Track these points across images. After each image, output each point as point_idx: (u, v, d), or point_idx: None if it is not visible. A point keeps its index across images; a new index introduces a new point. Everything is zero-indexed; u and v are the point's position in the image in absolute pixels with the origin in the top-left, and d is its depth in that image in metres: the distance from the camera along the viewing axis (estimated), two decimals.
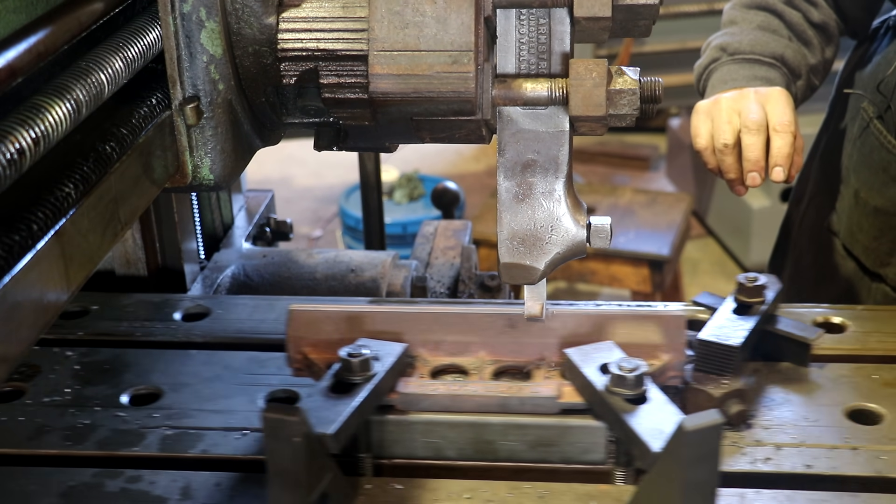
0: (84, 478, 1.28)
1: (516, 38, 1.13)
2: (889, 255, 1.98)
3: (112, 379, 1.47)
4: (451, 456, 1.29)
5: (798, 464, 1.27)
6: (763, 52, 1.87)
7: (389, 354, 1.29)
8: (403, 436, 1.28)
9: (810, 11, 1.99)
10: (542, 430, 1.27)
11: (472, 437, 1.28)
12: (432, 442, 1.28)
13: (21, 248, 0.87)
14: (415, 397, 1.27)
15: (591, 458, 1.27)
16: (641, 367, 1.23)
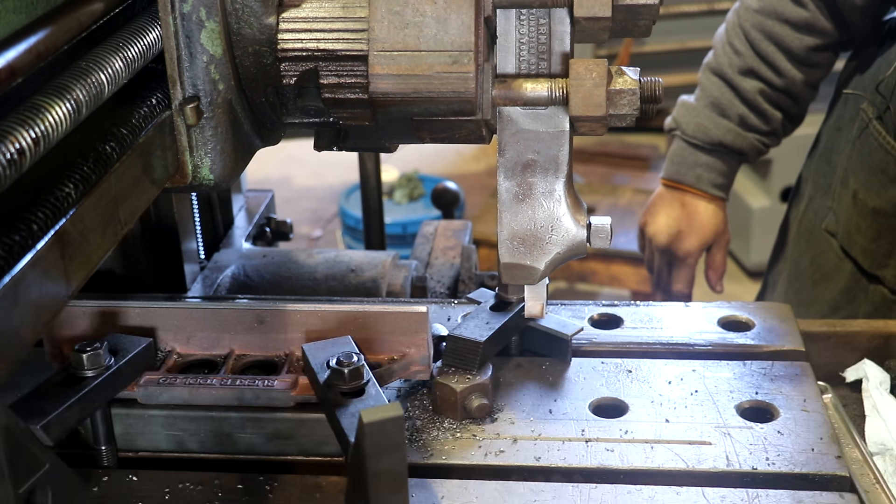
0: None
1: (516, 38, 1.13)
2: (887, 257, 1.98)
3: None
4: (193, 448, 1.31)
5: (529, 456, 1.28)
6: (703, 139, 2.18)
7: (130, 349, 1.31)
8: (146, 429, 1.31)
9: (772, 79, 2.10)
10: (276, 424, 1.30)
11: (211, 429, 1.30)
12: (174, 434, 1.31)
13: (21, 248, 0.87)
14: (154, 390, 1.30)
15: (326, 450, 1.29)
16: (359, 360, 1.24)
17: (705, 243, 2.26)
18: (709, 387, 1.40)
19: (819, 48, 2.07)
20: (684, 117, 2.20)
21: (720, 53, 2.15)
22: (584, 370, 1.45)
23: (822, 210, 2.16)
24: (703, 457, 1.27)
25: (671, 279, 2.30)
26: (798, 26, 2.05)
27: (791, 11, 2.04)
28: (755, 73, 2.10)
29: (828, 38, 2.07)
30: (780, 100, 2.13)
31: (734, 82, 2.12)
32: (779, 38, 2.06)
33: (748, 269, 5.08)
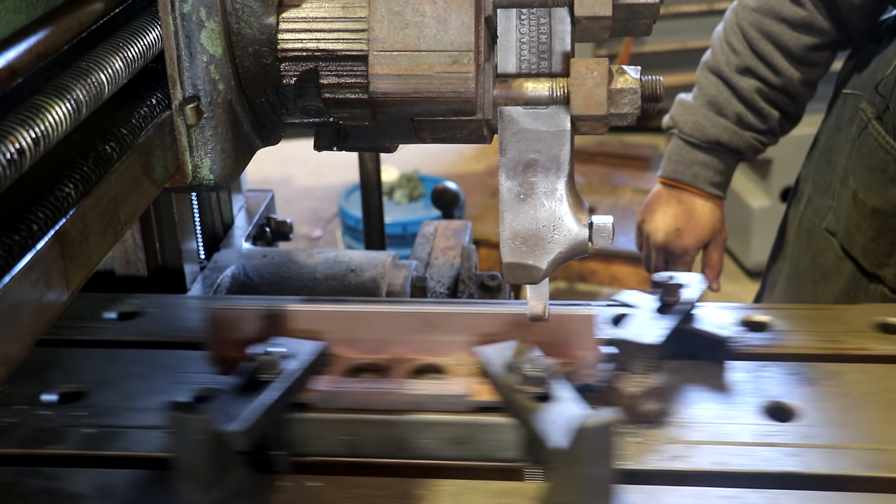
0: (5, 476, 1.28)
1: (517, 37, 1.13)
2: (887, 256, 1.98)
3: (41, 378, 1.47)
4: (367, 453, 1.29)
5: (710, 461, 1.27)
6: (700, 138, 2.18)
7: (304, 353, 1.30)
8: (320, 433, 1.29)
9: (770, 78, 2.10)
10: (455, 428, 1.28)
11: (387, 434, 1.29)
12: (348, 439, 1.29)
13: (21, 248, 0.87)
14: (330, 395, 1.28)
15: (505, 455, 1.27)
16: (548, 364, 1.23)
17: (702, 241, 2.26)
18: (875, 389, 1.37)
19: (817, 47, 2.07)
20: (681, 116, 2.20)
21: (718, 52, 2.15)
22: (743, 373, 1.43)
23: (821, 209, 2.16)
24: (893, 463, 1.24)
25: None
26: (796, 25, 2.05)
27: (789, 10, 2.04)
28: (753, 71, 2.10)
29: (826, 37, 2.07)
30: (777, 99, 2.13)
31: (731, 81, 2.12)
32: (776, 37, 2.06)
33: (748, 269, 5.08)
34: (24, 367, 1.48)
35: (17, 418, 1.38)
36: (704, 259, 2.32)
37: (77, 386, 1.46)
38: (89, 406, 1.41)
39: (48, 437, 1.35)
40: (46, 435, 1.35)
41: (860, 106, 2.02)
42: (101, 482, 1.27)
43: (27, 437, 1.35)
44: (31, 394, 1.43)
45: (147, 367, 1.50)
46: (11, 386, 1.45)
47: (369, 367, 1.37)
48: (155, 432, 1.35)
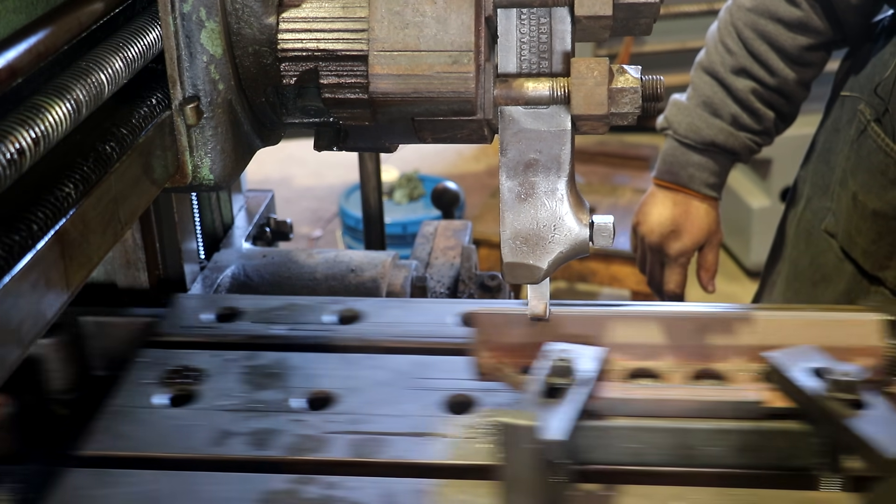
0: (278, 484, 1.26)
1: (517, 37, 1.13)
2: (888, 259, 1.98)
3: (282, 383, 1.45)
4: (651, 462, 1.26)
5: None
6: (695, 139, 2.17)
7: (590, 358, 1.27)
8: (604, 441, 1.25)
9: (765, 79, 2.09)
10: (747, 436, 1.24)
11: (674, 442, 1.25)
12: (633, 448, 1.25)
13: (21, 248, 0.87)
14: (617, 402, 1.25)
15: (797, 463, 1.23)
16: (858, 371, 1.20)
17: (697, 243, 2.26)
18: None
19: (812, 47, 2.07)
20: (676, 116, 2.20)
21: (712, 52, 2.14)
22: None
23: (820, 211, 2.15)
24: None
25: (663, 279, 2.30)
26: (791, 25, 2.04)
27: (784, 10, 2.03)
28: (748, 72, 2.09)
29: (821, 38, 2.06)
30: (772, 99, 2.12)
31: (726, 81, 2.11)
32: (772, 38, 2.06)
33: (748, 269, 5.08)
34: (263, 372, 1.48)
35: (276, 425, 1.36)
36: (699, 260, 2.31)
37: (324, 392, 1.43)
38: (343, 413, 1.39)
39: (311, 444, 1.33)
40: (311, 442, 1.33)
41: (858, 108, 2.01)
42: (380, 490, 1.24)
43: (292, 444, 1.33)
44: (278, 400, 1.42)
45: (388, 372, 1.47)
46: (256, 391, 1.43)
47: (643, 372, 1.34)
48: (420, 439, 1.33)
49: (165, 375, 1.47)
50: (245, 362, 1.50)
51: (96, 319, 1.61)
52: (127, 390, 1.44)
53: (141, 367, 1.49)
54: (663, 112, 2.26)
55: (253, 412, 1.39)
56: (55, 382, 1.54)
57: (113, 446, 1.34)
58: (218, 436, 1.35)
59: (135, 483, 1.26)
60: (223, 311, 1.64)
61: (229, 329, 1.59)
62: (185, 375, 1.47)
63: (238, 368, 1.49)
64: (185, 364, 1.49)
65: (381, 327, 1.59)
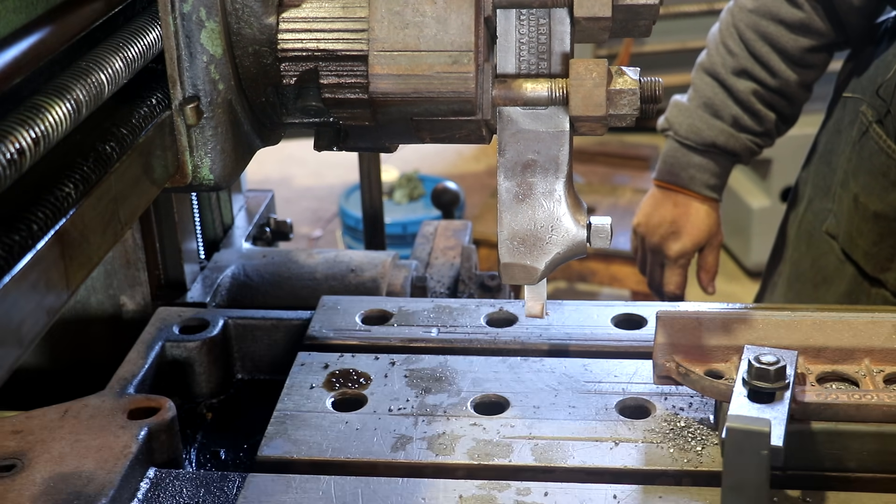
0: (469, 489, 1.25)
1: (516, 38, 1.13)
2: (889, 261, 1.98)
3: (449, 387, 1.45)
4: (850, 468, 1.24)
5: None
6: (696, 140, 2.18)
7: (788, 362, 1.24)
8: (803, 446, 1.24)
9: (766, 80, 2.09)
10: None
11: (875, 448, 1.23)
12: (834, 453, 1.24)
13: (21, 248, 0.87)
14: (816, 406, 1.23)
15: None
16: None
17: (698, 244, 2.26)
18: None
19: (814, 49, 2.07)
20: (677, 118, 2.20)
21: (713, 53, 2.14)
22: None
23: (822, 212, 2.15)
24: None
25: (663, 280, 2.30)
26: (793, 27, 2.04)
27: (786, 12, 2.03)
28: (749, 73, 2.09)
29: (823, 39, 2.06)
30: (773, 100, 2.12)
31: (728, 83, 2.11)
32: (773, 39, 2.06)
33: (748, 269, 5.08)
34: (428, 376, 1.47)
35: (451, 429, 1.36)
36: (700, 262, 2.32)
37: (495, 396, 1.43)
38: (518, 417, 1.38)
39: (493, 449, 1.32)
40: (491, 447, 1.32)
41: (860, 109, 2.01)
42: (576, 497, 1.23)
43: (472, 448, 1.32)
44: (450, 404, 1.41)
45: (556, 376, 1.46)
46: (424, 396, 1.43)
47: (833, 376, 1.33)
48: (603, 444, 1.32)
49: (330, 379, 1.47)
50: (407, 366, 1.50)
51: (241, 321, 1.62)
52: (293, 394, 1.44)
53: (302, 371, 1.49)
54: (664, 113, 2.26)
55: (426, 416, 1.38)
56: (202, 386, 1.56)
57: (290, 451, 1.33)
58: (396, 441, 1.34)
59: (320, 488, 1.26)
60: (373, 314, 1.64)
61: (384, 332, 1.59)
62: (351, 379, 1.47)
63: (401, 372, 1.48)
64: (347, 367, 1.49)
65: (537, 330, 1.58)
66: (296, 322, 1.63)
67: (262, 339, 1.62)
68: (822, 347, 1.33)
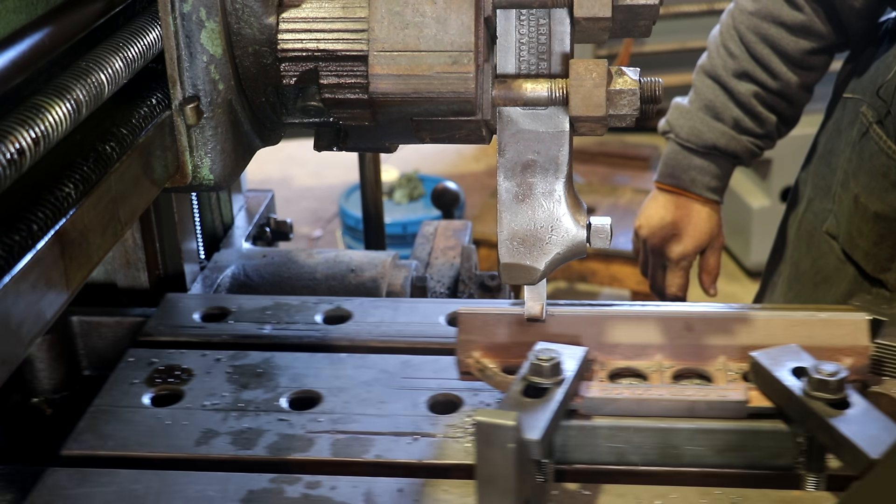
0: (261, 483, 1.26)
1: (516, 38, 1.13)
2: (890, 261, 1.98)
3: (267, 383, 1.46)
4: (634, 461, 1.26)
5: None
6: (697, 143, 2.16)
7: (573, 358, 1.27)
8: (587, 441, 1.26)
9: (767, 82, 2.09)
10: (731, 435, 1.24)
11: (657, 442, 1.26)
12: (616, 447, 1.26)
13: (21, 248, 0.87)
14: (599, 401, 1.26)
15: (780, 462, 1.24)
16: (841, 371, 1.20)
17: (700, 246, 2.26)
18: None
19: (815, 51, 2.07)
20: (678, 120, 2.20)
21: (714, 56, 2.14)
22: None
23: (822, 212, 2.15)
24: None
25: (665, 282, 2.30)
26: (794, 29, 2.04)
27: (787, 14, 2.03)
28: (750, 76, 2.09)
29: (824, 41, 2.06)
30: (774, 103, 2.13)
31: (729, 85, 2.12)
32: (774, 41, 2.06)
33: (748, 270, 5.08)
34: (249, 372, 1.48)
35: (259, 424, 1.37)
36: (701, 264, 2.31)
37: (309, 392, 1.44)
38: (327, 412, 1.39)
39: (295, 443, 1.34)
40: (293, 441, 1.34)
41: (860, 110, 2.01)
42: (363, 489, 1.25)
43: (275, 443, 1.34)
44: (263, 400, 1.42)
45: (374, 372, 1.48)
46: (241, 391, 1.44)
47: (627, 372, 1.34)
48: (404, 439, 1.34)
49: (152, 375, 1.47)
50: (232, 362, 1.51)
51: (86, 319, 1.62)
52: (113, 390, 1.44)
53: (128, 367, 1.49)
54: (664, 115, 2.26)
55: (238, 412, 1.40)
56: (43, 382, 1.55)
57: (96, 446, 1.34)
58: (202, 435, 1.35)
59: (116, 482, 1.27)
60: (212, 311, 1.65)
61: (218, 329, 1.60)
62: (173, 375, 1.48)
63: (225, 368, 1.49)
64: (172, 364, 1.50)
65: (369, 327, 1.60)
66: (141, 319, 1.63)
67: (107, 335, 1.62)
68: (617, 343, 1.34)
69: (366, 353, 1.53)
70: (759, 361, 1.27)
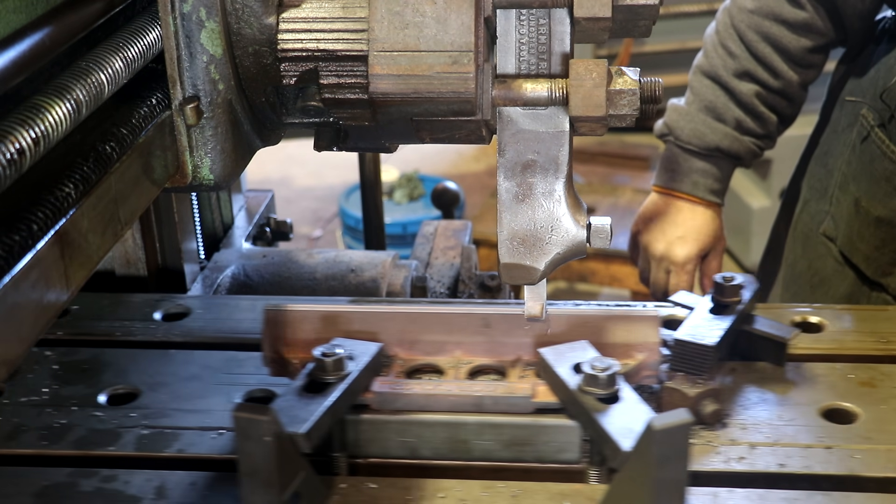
0: (59, 477, 1.28)
1: (516, 38, 1.13)
2: (891, 265, 1.97)
3: (90, 379, 1.47)
4: (425, 455, 1.29)
5: (772, 463, 1.27)
6: (699, 145, 2.13)
7: (364, 354, 1.30)
8: (378, 435, 1.29)
9: (768, 81, 2.07)
10: (516, 430, 1.27)
11: (446, 436, 1.28)
12: (407, 441, 1.29)
13: (21, 248, 0.87)
14: (390, 396, 1.28)
15: (566, 457, 1.27)
16: (614, 366, 1.23)
17: (704, 249, 2.23)
18: None
19: (815, 49, 2.06)
20: (677, 122, 2.17)
21: (712, 55, 2.12)
22: (801, 375, 1.43)
23: (818, 214, 2.14)
24: None
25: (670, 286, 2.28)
26: (796, 27, 2.03)
27: (789, 12, 2.03)
28: (751, 75, 2.08)
29: (825, 39, 2.05)
30: (775, 102, 2.11)
31: (730, 85, 2.10)
32: (776, 40, 2.05)
33: (748, 269, 5.08)
34: (75, 367, 1.49)
35: (71, 420, 1.39)
36: (703, 268, 2.28)
37: (128, 387, 1.46)
38: (141, 407, 1.41)
39: (103, 438, 1.35)
40: (101, 436, 1.35)
41: (861, 112, 2.00)
42: (156, 483, 1.27)
43: (82, 438, 1.35)
44: (82, 395, 1.44)
45: (197, 367, 1.49)
46: (62, 387, 1.45)
47: (427, 368, 1.36)
48: (210, 433, 1.36)
49: None
50: (62, 358, 1.52)
51: None
52: None
53: None
54: (662, 117, 2.24)
55: (54, 407, 1.41)
56: None
57: None
58: (12, 431, 1.36)
59: None
60: None
61: (55, 326, 1.59)
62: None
63: (52, 364, 1.50)
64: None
65: (204, 324, 1.61)
66: None
67: None
68: (417, 340, 1.36)
69: (195, 350, 1.54)
70: (544, 357, 1.29)
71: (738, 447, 1.30)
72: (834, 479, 1.24)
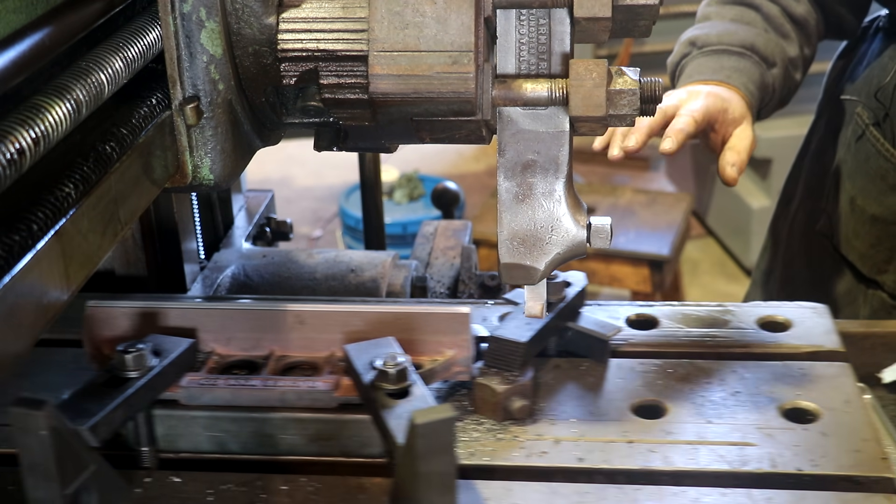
0: None
1: (516, 38, 1.13)
2: (887, 263, 1.97)
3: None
4: (234, 449, 1.31)
5: (572, 457, 1.28)
6: (732, 42, 1.88)
7: (173, 350, 1.31)
8: (187, 430, 1.30)
9: (791, 5, 1.97)
10: (320, 425, 1.29)
11: (253, 430, 1.30)
12: (216, 436, 1.30)
13: (21, 248, 0.87)
14: (196, 392, 1.29)
15: (370, 451, 1.28)
16: (404, 362, 1.24)
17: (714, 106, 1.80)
18: (749, 388, 1.39)
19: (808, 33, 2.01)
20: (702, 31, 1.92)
21: None
22: (623, 371, 1.44)
23: (814, 212, 2.14)
24: (746, 458, 1.26)
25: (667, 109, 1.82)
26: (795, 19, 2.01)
27: None
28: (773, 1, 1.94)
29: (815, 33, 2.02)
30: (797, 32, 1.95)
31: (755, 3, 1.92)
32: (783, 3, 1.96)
33: (748, 269, 5.08)
34: None
35: None
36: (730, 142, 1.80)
37: None
38: None
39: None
40: None
41: (856, 111, 2.00)
42: None
43: None
44: None
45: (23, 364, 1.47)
46: None
47: (243, 363, 1.38)
48: None
49: None
50: None
51: None
52: None
53: None
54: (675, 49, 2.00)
55: None
56: None
57: None
58: None
59: None
60: None
61: None
62: None
63: None
64: None
65: None
66: None
67: None
68: (233, 336, 1.38)
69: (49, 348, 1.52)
70: (347, 353, 1.31)
71: (543, 442, 1.30)
72: (629, 473, 1.25)
